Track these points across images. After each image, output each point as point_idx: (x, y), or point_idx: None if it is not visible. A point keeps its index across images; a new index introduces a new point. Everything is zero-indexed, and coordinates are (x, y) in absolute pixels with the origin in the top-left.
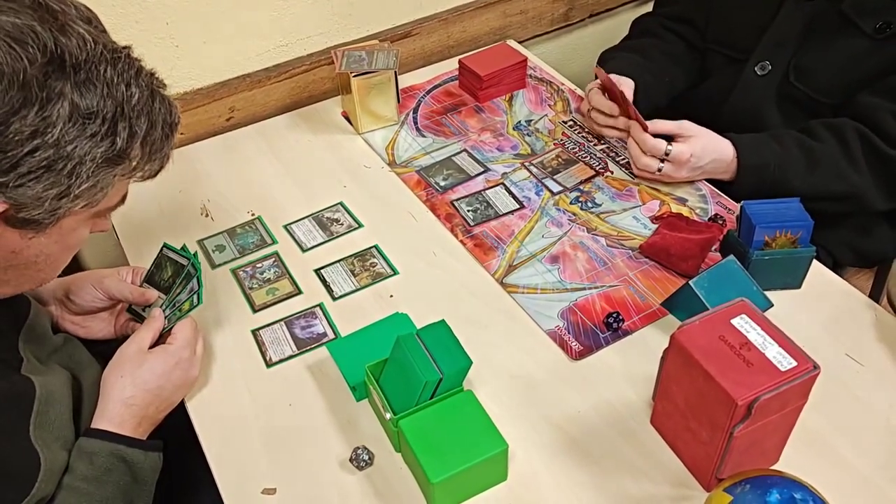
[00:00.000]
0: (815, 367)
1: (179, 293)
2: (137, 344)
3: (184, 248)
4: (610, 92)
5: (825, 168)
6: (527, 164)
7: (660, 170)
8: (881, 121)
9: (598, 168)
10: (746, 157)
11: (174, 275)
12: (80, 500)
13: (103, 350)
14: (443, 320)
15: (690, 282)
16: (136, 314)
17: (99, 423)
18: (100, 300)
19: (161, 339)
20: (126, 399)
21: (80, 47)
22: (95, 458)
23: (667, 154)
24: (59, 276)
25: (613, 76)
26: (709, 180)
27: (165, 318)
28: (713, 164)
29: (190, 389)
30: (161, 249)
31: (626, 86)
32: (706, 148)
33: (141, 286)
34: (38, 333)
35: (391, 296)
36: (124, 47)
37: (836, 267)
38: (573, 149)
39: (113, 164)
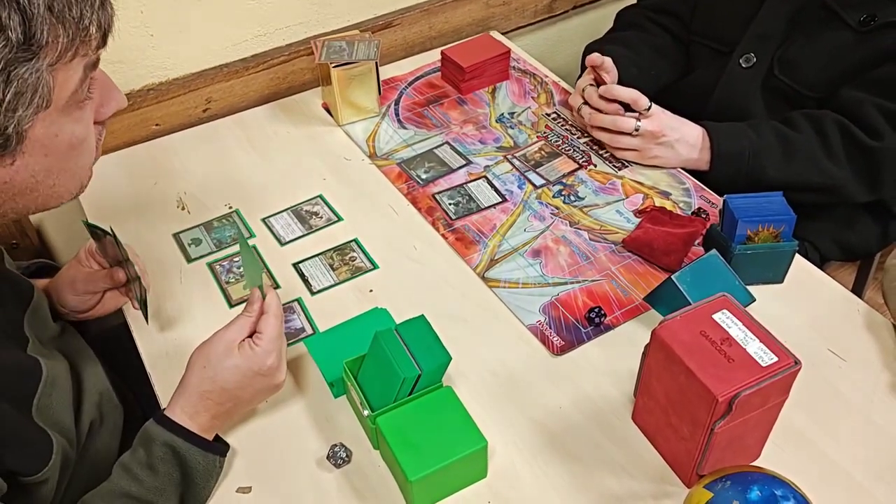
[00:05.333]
0: (797, 362)
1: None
2: (234, 333)
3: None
4: (597, 76)
5: (801, 158)
6: (509, 156)
7: (637, 129)
8: (865, 114)
9: (581, 161)
10: (721, 143)
11: (115, 245)
12: (130, 485)
13: (95, 339)
14: (422, 315)
15: (673, 276)
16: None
17: (173, 407)
18: (88, 299)
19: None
20: (204, 392)
21: None
22: (152, 444)
23: (639, 120)
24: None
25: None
26: (691, 173)
27: (135, 291)
28: (685, 144)
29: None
30: (88, 227)
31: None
32: (672, 117)
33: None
34: (41, 317)
35: (371, 290)
36: None
37: (821, 261)
38: (556, 142)
39: (24, 61)
